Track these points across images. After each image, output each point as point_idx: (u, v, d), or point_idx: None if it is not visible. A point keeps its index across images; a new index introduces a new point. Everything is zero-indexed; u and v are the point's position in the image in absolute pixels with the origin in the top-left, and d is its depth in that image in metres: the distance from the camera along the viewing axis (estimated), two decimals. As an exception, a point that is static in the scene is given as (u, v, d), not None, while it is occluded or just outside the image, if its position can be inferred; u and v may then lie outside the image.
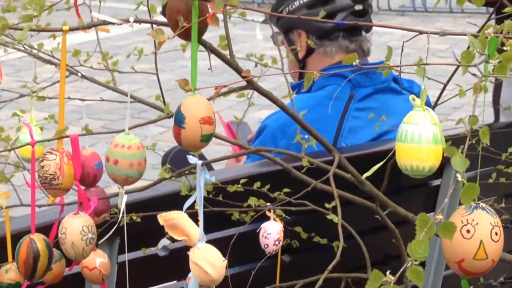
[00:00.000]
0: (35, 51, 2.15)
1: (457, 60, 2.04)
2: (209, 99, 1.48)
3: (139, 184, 1.74)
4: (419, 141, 1.45)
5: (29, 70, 8.26)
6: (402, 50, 1.66)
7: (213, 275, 1.50)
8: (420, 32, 1.46)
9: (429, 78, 1.56)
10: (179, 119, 1.45)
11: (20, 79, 8.61)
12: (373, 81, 2.96)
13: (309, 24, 3.01)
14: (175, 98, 2.04)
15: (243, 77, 1.50)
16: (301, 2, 3.05)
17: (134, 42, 10.41)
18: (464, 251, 1.27)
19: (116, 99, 2.36)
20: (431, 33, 1.40)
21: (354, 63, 1.47)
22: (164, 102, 1.82)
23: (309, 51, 3.02)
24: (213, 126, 1.46)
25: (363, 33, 3.10)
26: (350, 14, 3.00)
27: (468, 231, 1.27)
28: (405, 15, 13.78)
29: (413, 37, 1.53)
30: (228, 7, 1.37)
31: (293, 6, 3.04)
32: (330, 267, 1.59)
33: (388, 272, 1.11)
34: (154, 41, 1.41)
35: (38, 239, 1.61)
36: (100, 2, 1.96)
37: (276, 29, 3.09)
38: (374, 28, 3.17)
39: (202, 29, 1.43)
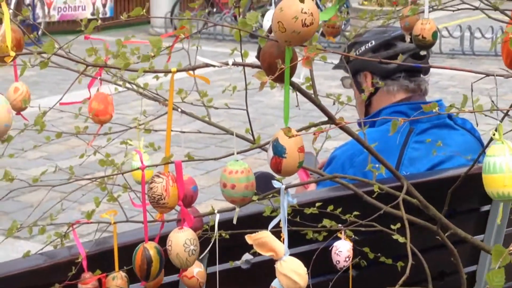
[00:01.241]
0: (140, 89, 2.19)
1: (491, 100, 2.03)
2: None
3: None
4: (501, 170, 1.47)
5: (126, 104, 8.39)
6: (471, 90, 1.65)
7: (300, 283, 1.52)
8: (487, 75, 1.47)
9: (485, 115, 1.57)
10: (279, 150, 1.47)
11: (119, 111, 8.73)
12: (430, 117, 2.95)
13: (374, 66, 3.02)
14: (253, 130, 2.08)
15: (329, 118, 1.52)
16: (366, 47, 3.06)
17: (215, 80, 10.55)
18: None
19: (200, 129, 2.41)
20: (497, 75, 1.41)
21: (434, 111, 1.48)
22: (253, 135, 1.85)
23: (374, 90, 3.02)
24: (304, 153, 1.49)
25: (421, 75, 3.10)
26: (410, 56, 3.00)
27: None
28: (455, 58, 13.66)
29: (480, 79, 1.54)
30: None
31: (360, 51, 3.06)
32: (401, 282, 1.59)
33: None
34: (243, 78, 1.43)
35: (151, 247, 1.66)
36: (197, 48, 2.00)
37: (344, 73, 3.11)
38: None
39: (292, 71, 1.45)
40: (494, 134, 1.48)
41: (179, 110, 1.95)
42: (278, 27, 1.33)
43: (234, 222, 1.70)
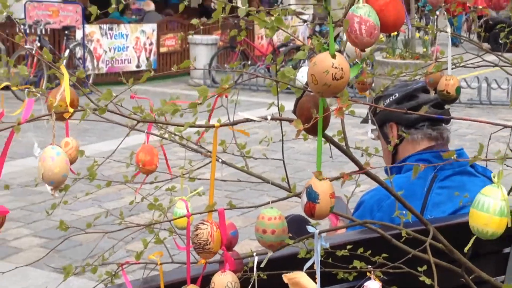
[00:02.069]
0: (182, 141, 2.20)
1: (510, 149, 2.02)
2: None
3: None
4: (487, 210, 1.54)
5: (167, 150, 8.42)
6: (489, 138, 1.66)
7: None
8: (505, 126, 1.47)
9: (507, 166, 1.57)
10: (313, 196, 1.48)
11: (162, 157, 8.75)
12: (452, 164, 2.93)
13: (399, 117, 3.01)
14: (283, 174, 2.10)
15: (360, 168, 1.52)
16: (391, 99, 3.06)
17: (250, 127, 10.64)
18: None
19: (236, 174, 2.42)
20: (512, 127, 1.41)
21: (453, 158, 1.50)
22: (288, 183, 1.85)
23: (400, 139, 3.01)
24: (335, 198, 1.50)
25: (443, 124, 3.09)
26: (432, 106, 2.99)
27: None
28: (473, 107, 13.57)
29: (498, 130, 1.55)
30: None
31: (385, 103, 3.05)
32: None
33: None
34: (276, 126, 1.43)
35: None
36: (235, 104, 2.01)
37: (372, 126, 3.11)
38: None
39: (325, 125, 1.47)
40: (494, 177, 1.52)
41: (220, 160, 1.96)
42: (312, 80, 1.35)
43: (263, 265, 1.70)
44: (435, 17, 2.39)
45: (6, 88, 1.84)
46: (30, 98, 1.48)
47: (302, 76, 1.68)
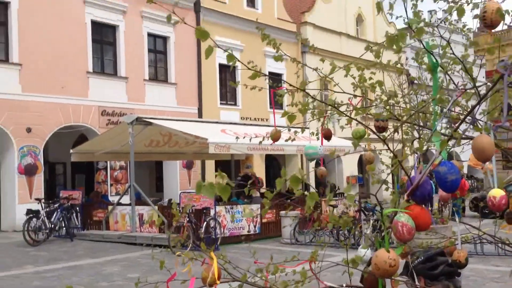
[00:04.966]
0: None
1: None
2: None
3: None
4: None
5: None
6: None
7: None
8: None
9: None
10: None
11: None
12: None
13: (425, 273, 2.88)
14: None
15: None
16: (418, 260, 2.94)
17: (329, 279, 10.28)
18: None
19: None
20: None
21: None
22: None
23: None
24: None
25: (456, 277, 2.92)
26: (446, 266, 2.86)
27: None
28: (472, 257, 12.70)
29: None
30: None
31: (414, 263, 2.95)
32: None
33: None
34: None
35: None
36: (320, 267, 1.96)
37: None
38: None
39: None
40: None
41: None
42: (375, 267, 1.33)
43: None
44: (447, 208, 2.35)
45: (165, 246, 1.86)
46: (193, 277, 1.50)
47: (364, 255, 1.66)
